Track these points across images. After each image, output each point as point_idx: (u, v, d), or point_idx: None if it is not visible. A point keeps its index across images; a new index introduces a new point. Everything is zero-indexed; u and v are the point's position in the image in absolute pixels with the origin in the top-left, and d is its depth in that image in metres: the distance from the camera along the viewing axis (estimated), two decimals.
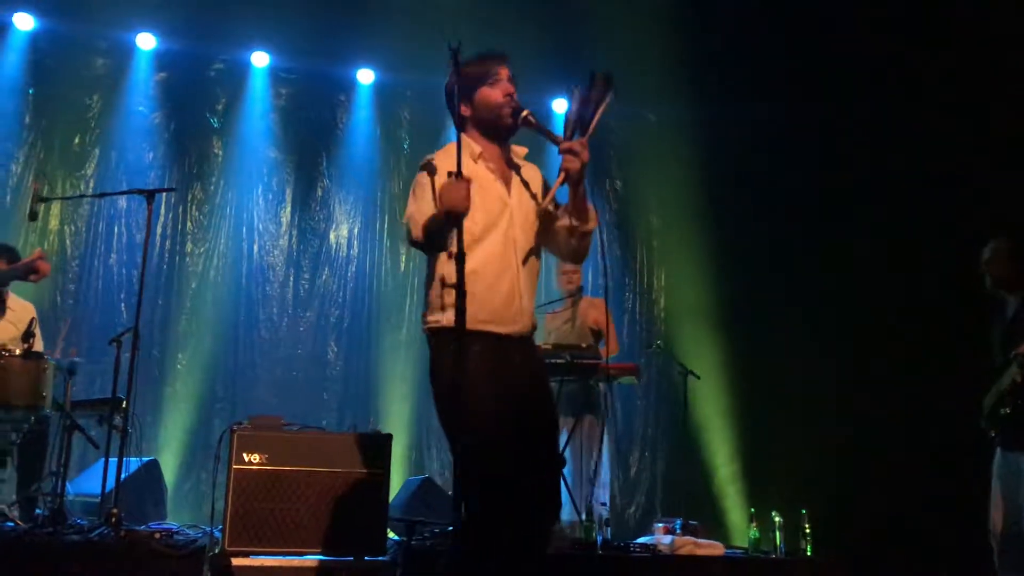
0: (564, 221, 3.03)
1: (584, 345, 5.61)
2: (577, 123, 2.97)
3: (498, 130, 3.07)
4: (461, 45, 2.81)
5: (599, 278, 8.34)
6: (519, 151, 3.19)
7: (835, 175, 7.26)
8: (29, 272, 3.92)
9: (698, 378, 6.51)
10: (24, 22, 7.36)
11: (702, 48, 7.45)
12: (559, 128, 3.09)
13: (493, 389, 2.78)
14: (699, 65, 7.55)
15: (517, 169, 3.11)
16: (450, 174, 2.73)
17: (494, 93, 3.04)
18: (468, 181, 2.74)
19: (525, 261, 3.00)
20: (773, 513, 5.78)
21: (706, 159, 7.95)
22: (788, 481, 6.67)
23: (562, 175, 2.93)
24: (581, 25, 7.35)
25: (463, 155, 2.83)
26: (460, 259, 2.62)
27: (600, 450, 5.92)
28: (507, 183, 3.03)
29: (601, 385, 6.09)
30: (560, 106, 8.57)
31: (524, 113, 3.00)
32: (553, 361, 5.37)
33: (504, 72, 3.10)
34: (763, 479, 7.12)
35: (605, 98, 2.97)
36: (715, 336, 7.72)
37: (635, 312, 8.43)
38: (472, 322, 2.66)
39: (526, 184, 3.10)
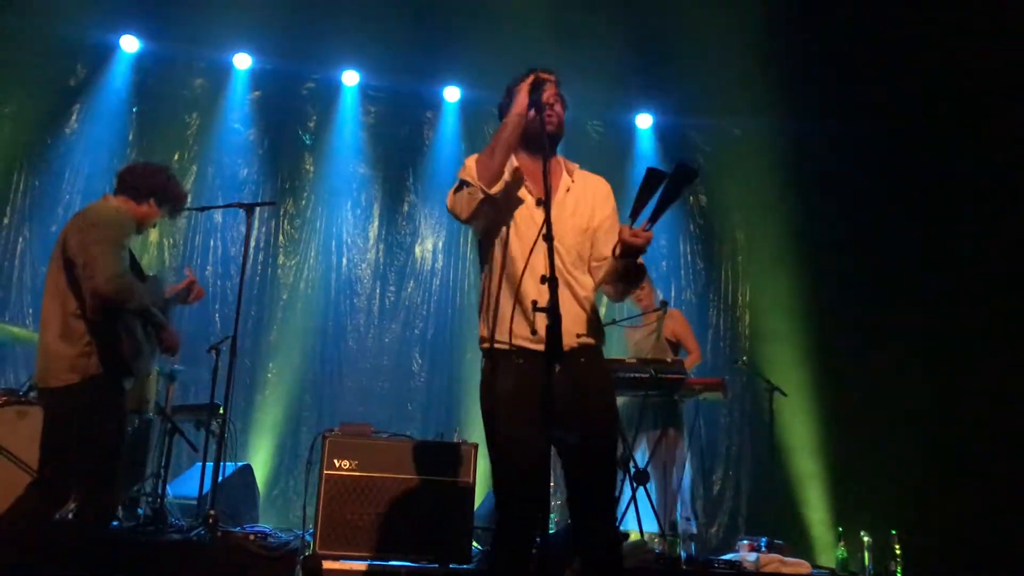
0: (614, 266, 3.00)
1: (669, 360, 5.60)
2: (654, 206, 2.81)
3: (536, 140, 2.96)
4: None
5: (682, 293, 8.36)
6: (571, 166, 3.18)
7: (928, 193, 7.10)
8: (187, 295, 4.14)
9: (784, 395, 6.41)
10: (130, 44, 7.72)
11: (790, 61, 7.37)
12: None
13: (511, 407, 2.87)
14: (787, 78, 7.47)
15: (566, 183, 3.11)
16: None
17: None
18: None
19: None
20: (862, 533, 5.67)
21: (794, 175, 7.87)
22: (877, 502, 6.51)
23: (619, 246, 2.88)
24: (666, 39, 7.35)
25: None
26: (553, 283, 2.59)
27: (674, 463, 5.91)
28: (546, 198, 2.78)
29: (684, 401, 6.09)
30: (644, 121, 8.59)
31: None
32: (637, 376, 5.37)
33: (551, 87, 3.04)
34: (851, 499, 6.96)
35: (684, 192, 2.93)
36: (802, 354, 7.58)
37: (719, 328, 8.33)
38: (505, 338, 2.91)
39: (579, 197, 3.11)
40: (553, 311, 2.55)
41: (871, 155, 7.54)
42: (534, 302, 2.70)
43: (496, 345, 2.95)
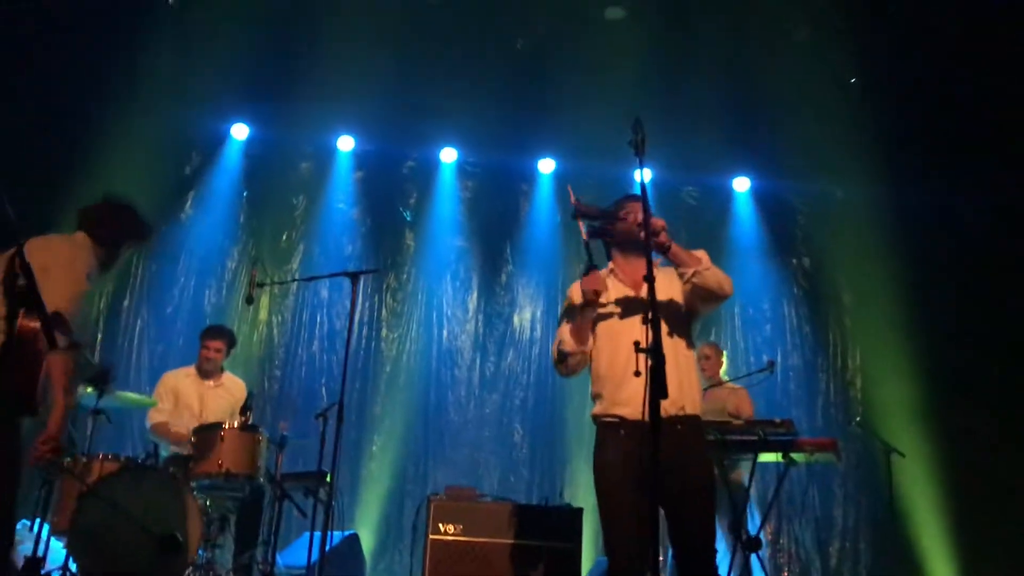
0: (683, 278, 3.42)
1: (777, 420, 5.42)
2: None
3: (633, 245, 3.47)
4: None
5: (788, 358, 8.13)
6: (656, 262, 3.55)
7: None
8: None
9: (903, 456, 6.13)
10: (240, 132, 8.15)
11: (891, 125, 7.26)
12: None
13: (615, 475, 3.22)
14: (889, 142, 7.35)
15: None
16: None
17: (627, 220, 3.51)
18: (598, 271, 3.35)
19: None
20: None
21: (900, 234, 7.68)
22: (1007, 570, 6.10)
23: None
24: (763, 103, 7.34)
25: (602, 274, 3.47)
26: (656, 322, 2.80)
27: None
28: (637, 287, 3.44)
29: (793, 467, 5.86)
30: (741, 184, 8.53)
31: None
32: (745, 438, 5.22)
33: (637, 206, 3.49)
34: (977, 568, 6.53)
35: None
36: (919, 417, 7.26)
37: (829, 394, 8.08)
38: (609, 407, 3.30)
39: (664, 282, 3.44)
40: (656, 352, 2.55)
41: (981, 219, 7.30)
42: (636, 342, 2.81)
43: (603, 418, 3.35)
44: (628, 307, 3.43)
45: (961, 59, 6.68)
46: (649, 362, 2.66)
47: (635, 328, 3.30)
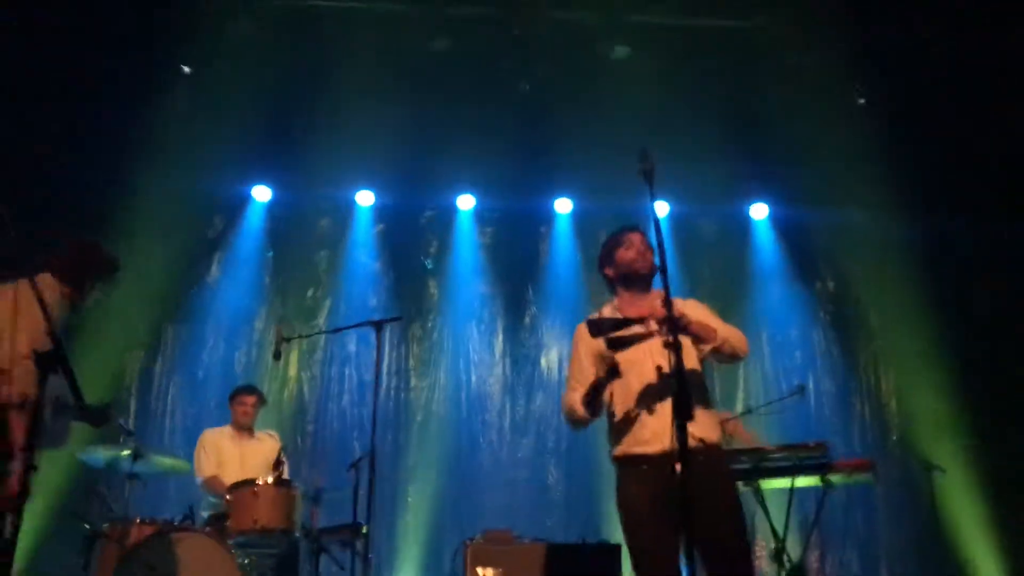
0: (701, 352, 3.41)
1: (811, 443, 5.37)
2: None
3: (635, 279, 3.50)
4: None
5: (820, 383, 8.05)
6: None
7: None
8: None
9: (943, 471, 6.03)
10: (261, 194, 8.29)
11: (901, 146, 7.27)
12: None
13: (641, 509, 3.21)
14: (900, 162, 7.35)
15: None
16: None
17: (628, 253, 3.52)
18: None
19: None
20: None
21: (919, 255, 7.70)
22: None
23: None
24: (773, 129, 7.37)
25: (606, 311, 3.51)
26: (677, 346, 2.75)
27: None
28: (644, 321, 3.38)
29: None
30: (758, 211, 8.52)
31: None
32: (780, 463, 5.18)
33: (636, 237, 3.57)
34: None
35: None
36: (957, 434, 7.15)
37: (865, 416, 7.98)
38: (630, 447, 3.27)
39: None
40: (679, 373, 2.56)
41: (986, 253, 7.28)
42: (659, 367, 2.78)
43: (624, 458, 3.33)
44: (639, 344, 3.33)
45: (967, 77, 6.72)
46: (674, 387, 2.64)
47: (648, 365, 3.26)
